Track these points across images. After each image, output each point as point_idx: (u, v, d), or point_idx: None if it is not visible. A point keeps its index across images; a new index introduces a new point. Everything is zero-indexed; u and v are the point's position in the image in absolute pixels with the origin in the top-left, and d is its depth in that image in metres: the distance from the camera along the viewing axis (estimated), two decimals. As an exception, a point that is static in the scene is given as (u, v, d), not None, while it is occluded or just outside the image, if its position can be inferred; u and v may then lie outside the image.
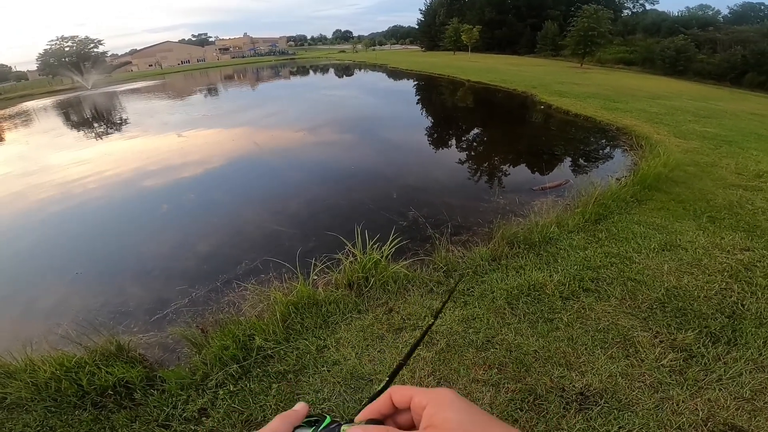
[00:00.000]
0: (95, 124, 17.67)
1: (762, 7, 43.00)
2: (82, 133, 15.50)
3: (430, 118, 14.72)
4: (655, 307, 3.02)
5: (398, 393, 0.44)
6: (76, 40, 52.22)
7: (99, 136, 14.20)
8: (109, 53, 65.31)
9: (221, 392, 2.44)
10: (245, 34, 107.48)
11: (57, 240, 5.92)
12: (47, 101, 31.49)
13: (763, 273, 3.40)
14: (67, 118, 20.85)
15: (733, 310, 2.96)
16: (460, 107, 16.96)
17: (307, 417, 0.51)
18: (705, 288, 3.21)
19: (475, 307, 3.11)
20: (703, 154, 7.18)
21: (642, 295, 3.16)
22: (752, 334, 2.68)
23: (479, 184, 7.23)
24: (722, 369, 2.42)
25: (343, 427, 0.45)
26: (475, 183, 7.35)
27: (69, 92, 39.11)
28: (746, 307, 2.98)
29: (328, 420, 0.50)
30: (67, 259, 5.21)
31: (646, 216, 4.62)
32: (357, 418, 0.46)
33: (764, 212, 4.66)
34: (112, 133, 14.68)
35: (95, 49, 53.90)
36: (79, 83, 46.29)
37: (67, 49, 51.05)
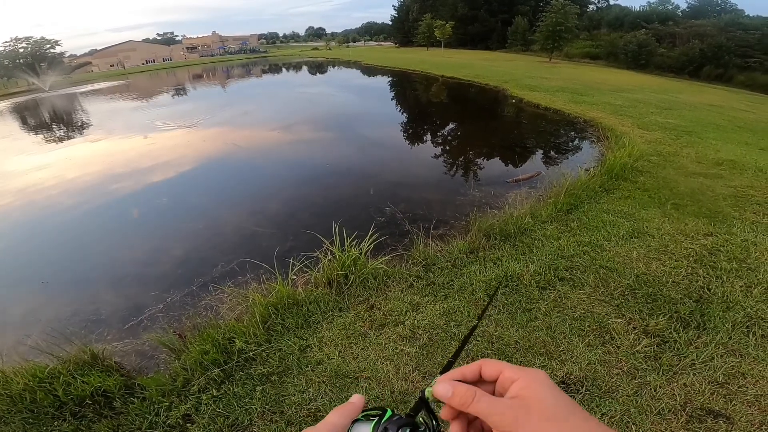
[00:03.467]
0: (55, 128, 16.83)
1: (719, 1, 45.04)
2: (41, 137, 14.72)
3: (405, 114, 14.78)
4: (627, 293, 3.14)
5: (489, 365, 0.45)
6: (31, 41, 49.80)
7: (60, 140, 13.52)
8: (68, 54, 62.63)
9: (204, 397, 2.39)
10: (214, 32, 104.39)
11: (19, 249, 5.62)
12: (1, 105, 29.79)
13: (727, 257, 3.58)
14: (24, 122, 19.78)
15: (700, 294, 3.09)
16: (434, 103, 17.07)
17: (364, 411, 0.50)
18: (672, 273, 3.36)
19: (456, 300, 3.16)
20: (665, 145, 7.50)
21: (614, 282, 3.27)
22: (720, 318, 2.81)
23: (455, 178, 7.31)
24: (694, 354, 2.51)
25: (427, 390, 0.46)
26: (451, 177, 7.43)
27: (25, 95, 37.11)
28: (712, 291, 3.12)
29: (389, 413, 0.49)
30: (31, 269, 4.96)
31: (614, 205, 4.79)
32: (441, 378, 0.46)
33: (725, 198, 4.91)
34: (73, 137, 14.01)
35: (52, 50, 51.50)
36: (35, 85, 44.07)
37: (21, 50, 48.54)
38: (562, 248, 3.83)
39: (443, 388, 0.44)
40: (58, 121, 18.86)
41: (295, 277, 3.55)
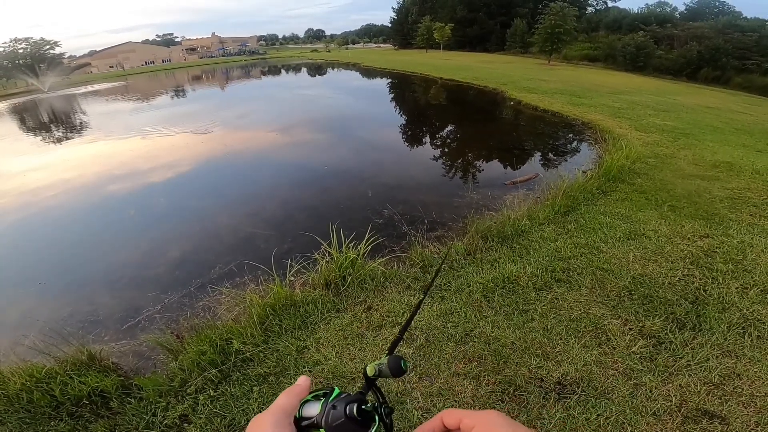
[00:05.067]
0: (54, 129, 16.83)
1: (716, 3, 45.26)
2: (39, 138, 14.73)
3: (404, 116, 14.81)
4: (623, 295, 3.15)
5: (449, 415, 0.48)
6: (31, 41, 49.83)
7: (58, 141, 13.55)
8: (67, 55, 62.59)
9: (201, 398, 2.39)
10: (213, 33, 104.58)
11: (16, 250, 5.61)
12: (0, 105, 29.76)
13: (723, 259, 3.59)
14: (23, 123, 19.78)
15: (696, 296, 3.10)
16: (433, 105, 17.11)
17: (312, 392, 0.52)
18: (669, 275, 3.37)
19: (453, 301, 3.17)
20: (663, 147, 7.53)
21: (610, 283, 3.28)
22: (716, 319, 2.81)
23: (453, 180, 7.33)
24: (690, 355, 2.52)
25: (368, 366, 0.51)
26: (450, 179, 7.44)
27: (24, 95, 37.11)
28: (708, 292, 3.13)
29: (337, 391, 0.51)
30: (28, 270, 4.96)
31: (611, 207, 4.81)
32: None
33: (721, 200, 4.93)
34: (72, 137, 14.02)
35: (51, 51, 51.54)
36: (34, 86, 44.10)
37: (20, 51, 48.56)
38: (559, 250, 3.84)
39: None
40: (57, 122, 18.86)
41: (292, 278, 3.56)
